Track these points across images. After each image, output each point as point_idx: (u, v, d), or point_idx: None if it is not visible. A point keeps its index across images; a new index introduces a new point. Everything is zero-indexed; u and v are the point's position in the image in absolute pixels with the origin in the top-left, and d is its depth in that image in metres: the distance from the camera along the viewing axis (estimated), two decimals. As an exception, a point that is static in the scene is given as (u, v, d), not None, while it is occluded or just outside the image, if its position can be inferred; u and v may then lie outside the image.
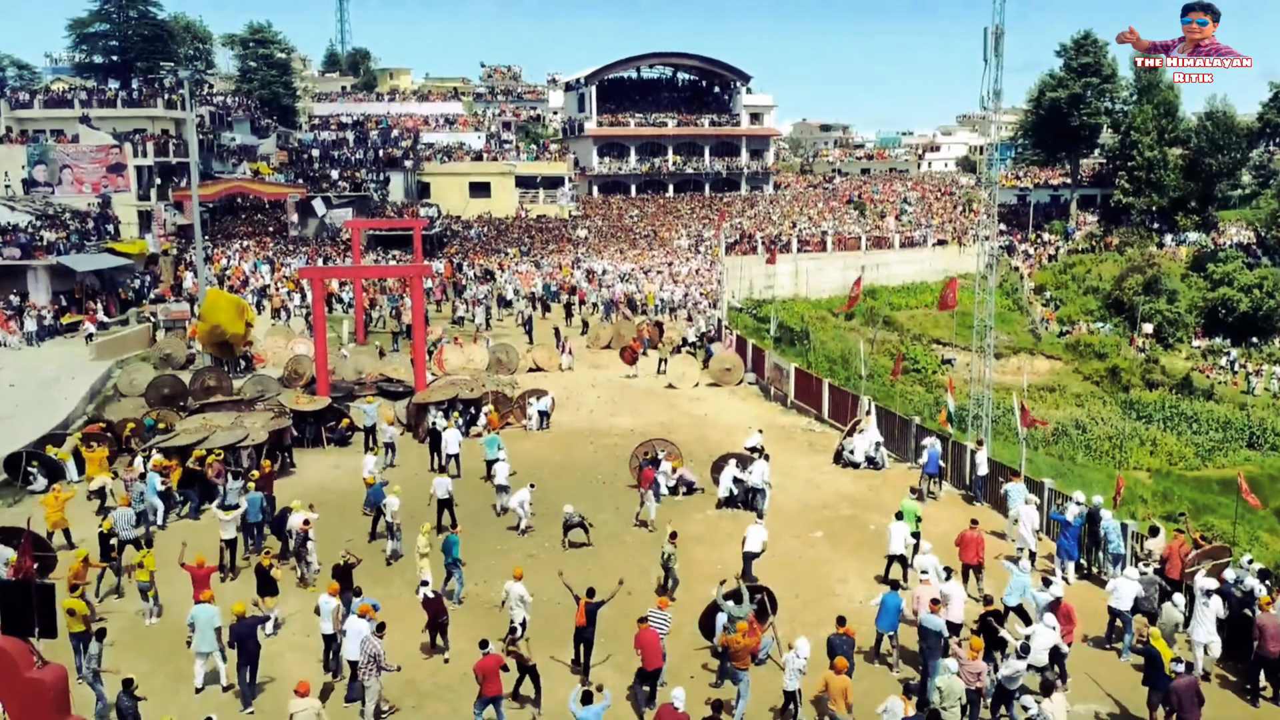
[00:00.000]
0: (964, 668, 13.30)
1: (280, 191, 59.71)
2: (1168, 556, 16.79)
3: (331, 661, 15.33)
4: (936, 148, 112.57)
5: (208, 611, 14.80)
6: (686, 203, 78.04)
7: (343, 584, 16.12)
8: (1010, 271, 66.31)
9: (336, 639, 15.11)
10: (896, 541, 17.86)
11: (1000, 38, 25.72)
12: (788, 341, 43.77)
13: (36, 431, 26.25)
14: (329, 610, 15.22)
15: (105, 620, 15.91)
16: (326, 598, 15.37)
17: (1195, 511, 32.53)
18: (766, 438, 27.06)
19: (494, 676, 13.48)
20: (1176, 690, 12.84)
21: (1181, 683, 12.88)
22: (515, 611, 15.59)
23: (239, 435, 23.98)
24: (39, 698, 11.60)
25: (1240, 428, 47.52)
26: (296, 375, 32.15)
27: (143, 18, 71.57)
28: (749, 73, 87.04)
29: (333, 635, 15.19)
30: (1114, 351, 57.53)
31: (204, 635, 14.76)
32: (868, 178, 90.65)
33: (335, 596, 15.42)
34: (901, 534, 17.89)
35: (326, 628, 15.29)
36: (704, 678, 15.27)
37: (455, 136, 75.04)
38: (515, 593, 15.68)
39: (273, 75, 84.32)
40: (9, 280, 40.84)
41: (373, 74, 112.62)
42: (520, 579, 15.85)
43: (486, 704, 13.48)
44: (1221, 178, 71.13)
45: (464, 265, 54.14)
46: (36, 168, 51.33)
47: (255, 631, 14.71)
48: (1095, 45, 72.22)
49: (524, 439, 27.85)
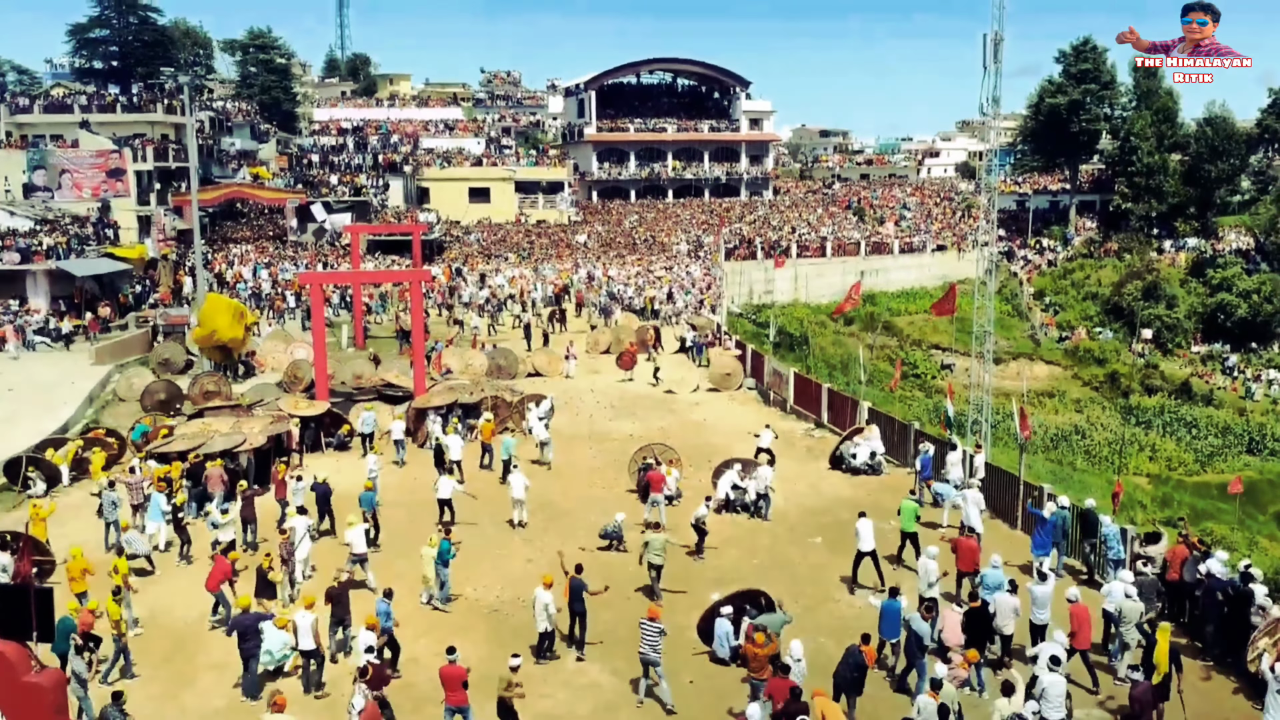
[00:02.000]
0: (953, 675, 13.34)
1: (280, 196, 59.73)
2: (1169, 561, 16.81)
3: (312, 678, 14.91)
4: (936, 153, 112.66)
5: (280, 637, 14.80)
6: (686, 208, 78.10)
7: (335, 605, 15.76)
8: (1009, 277, 66.34)
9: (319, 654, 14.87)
10: (866, 539, 18.07)
11: (999, 44, 25.85)
12: (787, 346, 43.83)
13: (35, 436, 26.25)
14: (307, 625, 14.76)
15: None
16: (304, 612, 14.90)
17: (1195, 517, 32.59)
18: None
19: (455, 686, 13.28)
20: (1135, 698, 13.01)
21: (1139, 689, 13.00)
22: (539, 621, 15.37)
23: (236, 440, 23.97)
24: (37, 702, 11.59)
25: (1239, 433, 47.60)
26: (296, 380, 32.15)
27: (143, 23, 71.61)
28: (748, 78, 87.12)
29: (313, 651, 14.83)
30: (1113, 357, 57.58)
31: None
32: (867, 183, 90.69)
33: (312, 610, 14.94)
34: (869, 530, 18.12)
35: (306, 643, 14.80)
36: (702, 682, 15.24)
37: (455, 142, 75.10)
38: (541, 601, 15.34)
39: (273, 80, 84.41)
40: (8, 285, 40.84)
41: (373, 79, 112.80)
42: (550, 587, 15.50)
43: (453, 713, 13.37)
44: (1220, 184, 71.13)
45: (463, 270, 54.16)
46: (36, 172, 51.33)
47: (257, 627, 14.68)
48: (1094, 51, 72.30)
49: (524, 444, 27.82)
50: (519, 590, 18.26)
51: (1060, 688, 12.87)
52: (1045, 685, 12.82)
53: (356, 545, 18.08)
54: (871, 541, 18.09)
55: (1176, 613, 16.57)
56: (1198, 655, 15.62)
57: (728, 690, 14.85)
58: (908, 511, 19.05)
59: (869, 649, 14.13)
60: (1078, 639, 14.62)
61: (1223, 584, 15.55)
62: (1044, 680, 12.89)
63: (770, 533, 21.58)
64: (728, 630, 15.56)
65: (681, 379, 35.98)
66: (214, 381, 30.71)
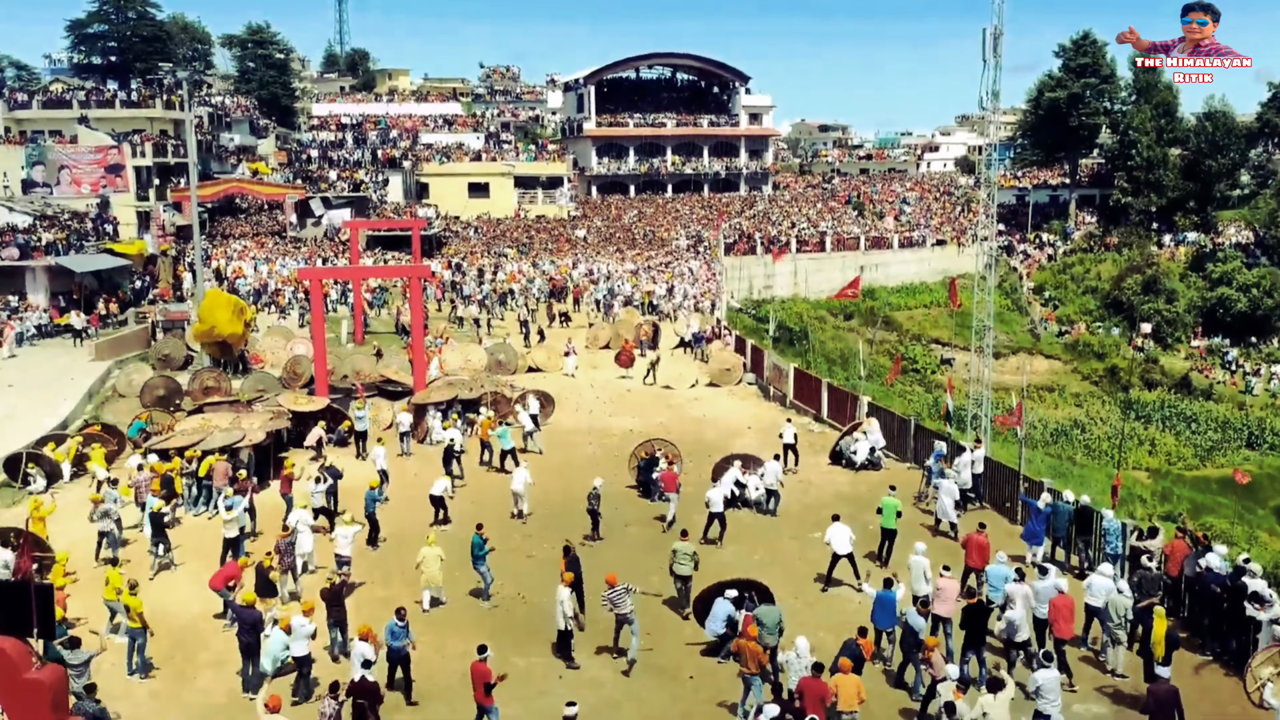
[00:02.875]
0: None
1: (279, 192, 59.65)
2: (1169, 554, 16.82)
3: (302, 687, 14.55)
4: (935, 148, 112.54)
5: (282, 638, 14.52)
6: (685, 203, 78.02)
7: (331, 606, 15.60)
8: (1009, 271, 66.34)
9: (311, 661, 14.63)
10: (841, 542, 17.93)
11: (999, 38, 25.75)
12: (786, 341, 43.80)
13: (35, 432, 26.25)
14: (305, 632, 14.46)
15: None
16: (302, 619, 14.60)
17: (1194, 511, 32.60)
18: (766, 438, 27.17)
19: (478, 686, 13.11)
20: (1155, 694, 12.82)
21: (1162, 688, 12.84)
22: (560, 619, 15.37)
23: (235, 436, 23.99)
24: (38, 699, 11.58)
25: (1239, 427, 47.59)
26: (295, 376, 32.12)
27: (141, 18, 71.56)
28: (748, 73, 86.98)
29: (306, 657, 14.55)
30: (1113, 351, 57.59)
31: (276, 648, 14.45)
32: (866, 178, 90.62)
33: (310, 617, 14.72)
34: (844, 534, 17.96)
35: (300, 649, 14.44)
36: (703, 678, 15.26)
37: (454, 137, 74.99)
38: (562, 597, 15.34)
39: (271, 76, 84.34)
40: (7, 281, 40.82)
41: (371, 74, 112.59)
42: (570, 585, 15.54)
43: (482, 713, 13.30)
44: (1220, 178, 71.08)
45: (462, 265, 54.10)
46: (35, 168, 51.28)
47: (260, 622, 14.65)
48: (1094, 46, 72.21)
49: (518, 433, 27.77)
50: (520, 586, 18.29)
51: (1055, 682, 12.90)
52: (1040, 682, 12.83)
53: (341, 546, 17.80)
54: (847, 545, 17.99)
55: (1175, 607, 16.57)
56: (1196, 650, 15.64)
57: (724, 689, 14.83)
58: (889, 508, 19.11)
59: (866, 641, 14.24)
60: (1057, 629, 14.81)
61: (1219, 578, 15.57)
62: (1038, 678, 12.90)
63: (771, 528, 21.60)
64: (730, 611, 15.38)
65: (680, 374, 35.95)
66: (213, 377, 30.69)
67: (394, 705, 14.21)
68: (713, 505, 20.31)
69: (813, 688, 12.68)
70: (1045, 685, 12.80)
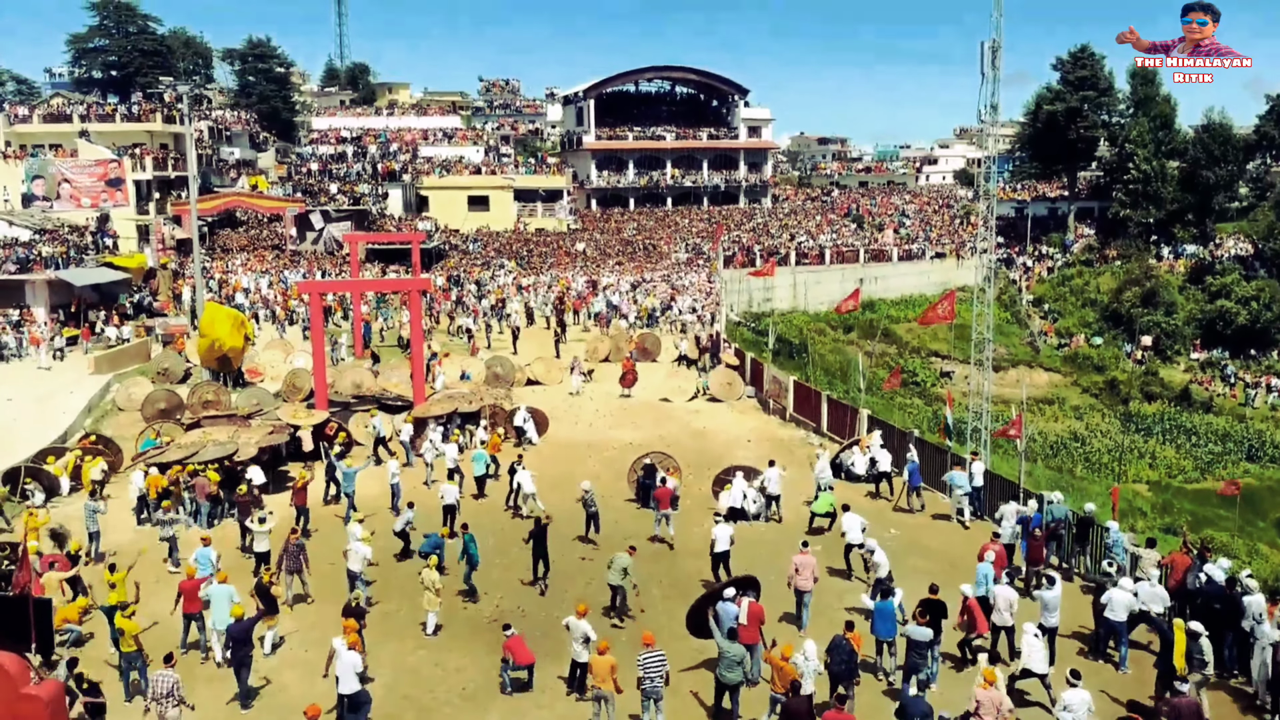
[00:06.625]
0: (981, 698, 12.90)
1: (279, 205, 59.72)
2: (1169, 566, 16.77)
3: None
4: (934, 161, 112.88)
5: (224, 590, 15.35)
6: (685, 216, 78.13)
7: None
8: (1008, 284, 66.36)
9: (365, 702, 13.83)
10: (854, 530, 18.76)
11: (997, 52, 25.88)
12: (786, 354, 43.78)
13: (34, 446, 26.20)
14: (351, 662, 13.49)
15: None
16: (347, 652, 13.65)
17: (1195, 524, 32.57)
18: (766, 451, 27.17)
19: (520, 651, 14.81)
20: (1177, 707, 12.63)
21: (1183, 701, 12.69)
22: (578, 651, 14.58)
23: (232, 450, 23.99)
24: (36, 714, 11.55)
25: (1239, 440, 47.53)
26: (294, 389, 32.08)
27: (142, 33, 71.82)
28: (747, 86, 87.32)
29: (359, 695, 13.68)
30: (1112, 364, 57.57)
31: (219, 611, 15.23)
32: (865, 191, 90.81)
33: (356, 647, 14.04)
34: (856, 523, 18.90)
35: (348, 685, 13.43)
36: (706, 692, 15.18)
37: (454, 150, 75.11)
38: (578, 630, 14.54)
39: (271, 90, 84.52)
40: (7, 295, 40.82)
41: (371, 88, 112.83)
42: (584, 615, 14.79)
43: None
44: (1219, 190, 71.17)
45: (461, 278, 54.11)
46: (35, 182, 51.27)
47: (250, 635, 14.64)
48: (1092, 58, 72.43)
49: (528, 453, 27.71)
50: (520, 600, 18.24)
51: (1083, 703, 12.73)
52: (1068, 701, 12.73)
53: (353, 563, 17.67)
54: (859, 534, 18.74)
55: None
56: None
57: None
58: (824, 503, 20.85)
59: (854, 635, 14.27)
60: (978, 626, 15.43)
61: (1218, 591, 15.51)
62: (1066, 697, 12.79)
63: (768, 540, 21.53)
64: (736, 611, 15.07)
65: (678, 387, 35.89)
66: (212, 391, 30.67)
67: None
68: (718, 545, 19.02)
69: (755, 612, 14.99)
70: (1074, 704, 12.71)
